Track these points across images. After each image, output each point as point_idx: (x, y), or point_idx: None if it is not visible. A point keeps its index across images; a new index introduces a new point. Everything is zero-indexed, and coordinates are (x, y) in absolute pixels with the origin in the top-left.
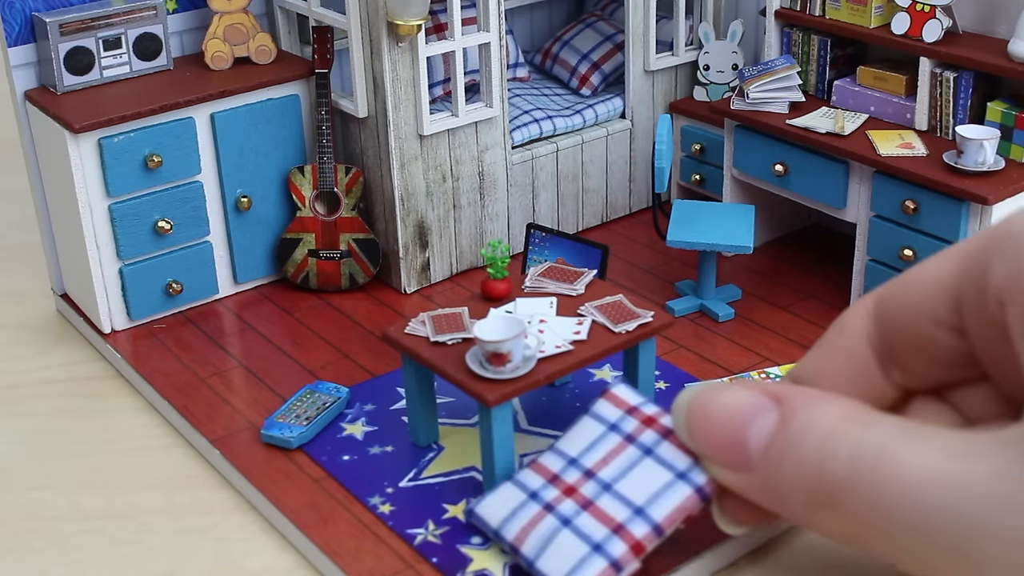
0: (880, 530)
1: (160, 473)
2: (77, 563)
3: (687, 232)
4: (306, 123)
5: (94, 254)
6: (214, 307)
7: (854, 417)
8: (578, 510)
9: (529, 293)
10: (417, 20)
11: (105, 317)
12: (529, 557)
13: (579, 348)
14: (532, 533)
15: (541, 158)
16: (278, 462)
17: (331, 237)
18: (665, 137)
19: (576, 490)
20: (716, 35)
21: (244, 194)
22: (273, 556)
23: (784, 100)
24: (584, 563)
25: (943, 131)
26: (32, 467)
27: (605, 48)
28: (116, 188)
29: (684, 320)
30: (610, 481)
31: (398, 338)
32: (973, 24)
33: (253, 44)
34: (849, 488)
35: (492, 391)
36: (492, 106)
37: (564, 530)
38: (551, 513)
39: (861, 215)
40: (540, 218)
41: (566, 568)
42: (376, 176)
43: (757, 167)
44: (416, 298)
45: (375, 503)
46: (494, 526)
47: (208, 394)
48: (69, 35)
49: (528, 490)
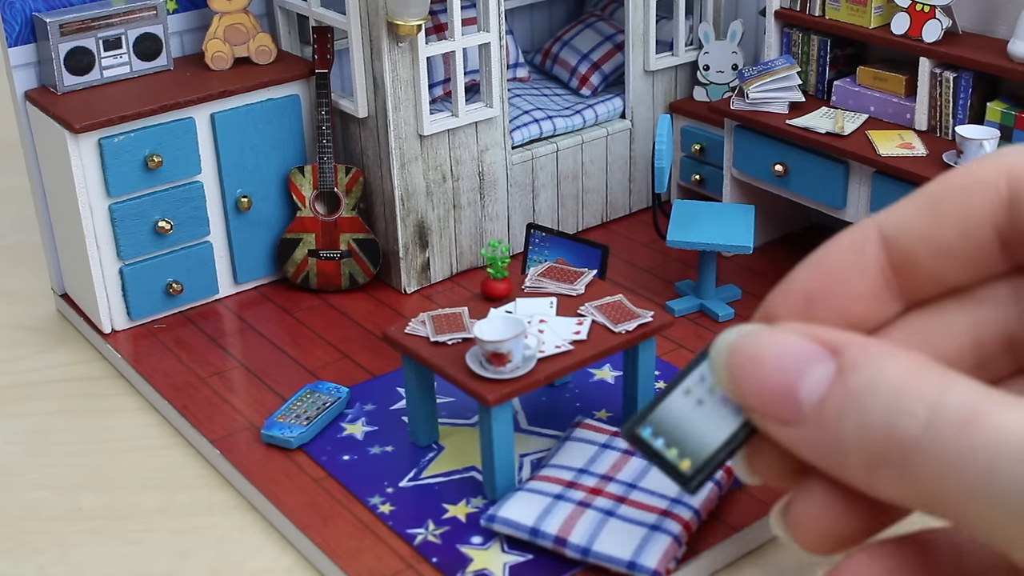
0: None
1: (160, 473)
2: (77, 563)
3: (687, 232)
4: (306, 123)
5: (94, 254)
6: (214, 307)
7: (928, 373)
8: (616, 504)
9: (529, 293)
10: (417, 20)
11: (105, 317)
12: (582, 544)
13: (579, 348)
14: (577, 525)
15: (541, 158)
16: (278, 462)
17: (331, 237)
18: (665, 137)
19: (602, 490)
20: (716, 35)
21: (244, 194)
22: (273, 556)
23: (784, 100)
24: (649, 541)
25: (943, 131)
26: (32, 467)
27: (605, 48)
28: (116, 188)
29: (684, 320)
30: (632, 481)
31: (398, 338)
32: (973, 24)
33: (253, 44)
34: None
35: (492, 391)
36: (492, 106)
37: (611, 519)
38: (589, 508)
39: (861, 215)
40: (540, 218)
41: (632, 547)
42: (376, 176)
43: (757, 167)
44: (416, 298)
45: (375, 503)
46: (529, 524)
47: (208, 394)
48: (69, 35)
49: (550, 493)
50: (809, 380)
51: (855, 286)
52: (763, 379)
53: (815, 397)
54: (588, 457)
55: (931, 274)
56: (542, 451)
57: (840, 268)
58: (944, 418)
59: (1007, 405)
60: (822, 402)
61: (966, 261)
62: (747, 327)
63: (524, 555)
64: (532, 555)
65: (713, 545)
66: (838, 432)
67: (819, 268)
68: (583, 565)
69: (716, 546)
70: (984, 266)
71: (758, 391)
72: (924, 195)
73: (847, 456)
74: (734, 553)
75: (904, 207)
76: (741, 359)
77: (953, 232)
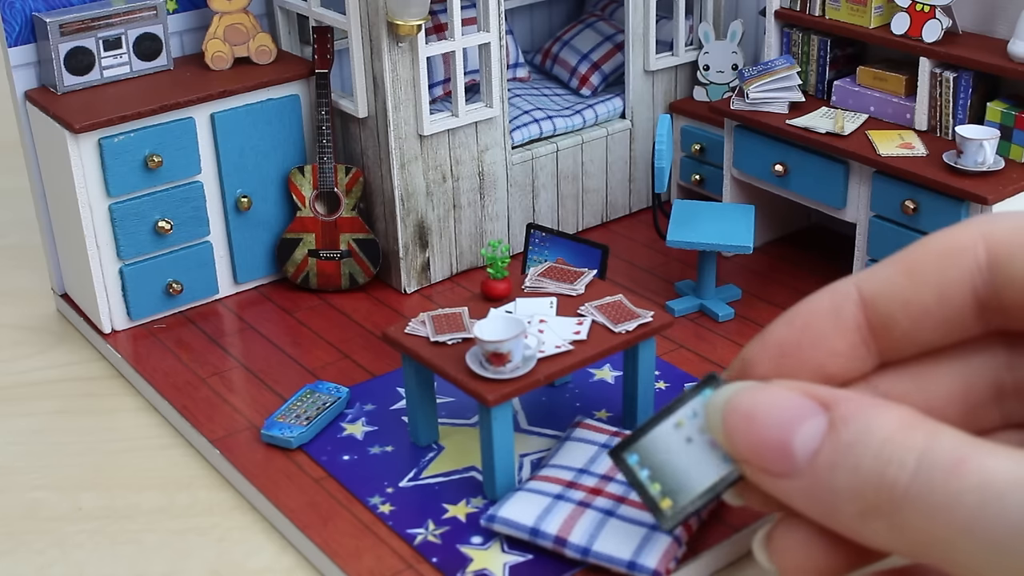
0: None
1: (160, 473)
2: (77, 563)
3: (687, 232)
4: (306, 123)
5: (94, 254)
6: (214, 307)
7: (915, 424)
8: (616, 504)
9: (529, 293)
10: (417, 20)
11: (105, 317)
12: (581, 544)
13: (579, 348)
14: (577, 525)
15: (541, 158)
16: (278, 462)
17: (331, 237)
18: (665, 137)
19: (602, 491)
20: (716, 35)
21: (244, 194)
22: (273, 556)
23: (784, 100)
24: (649, 541)
25: (943, 131)
26: (32, 467)
27: (605, 48)
28: (116, 188)
29: (684, 320)
30: None
31: (398, 338)
32: (973, 24)
33: (253, 44)
34: (918, 496)
35: (492, 391)
36: (492, 106)
37: (611, 519)
38: (589, 508)
39: (861, 215)
40: (540, 218)
41: (632, 547)
42: (376, 176)
43: (757, 167)
44: (416, 298)
45: (375, 503)
46: (529, 524)
47: (208, 394)
48: (69, 35)
49: (550, 494)
50: (802, 434)
51: (832, 343)
52: (758, 434)
53: (808, 451)
54: (588, 457)
55: (908, 335)
56: (542, 451)
57: (817, 325)
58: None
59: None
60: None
61: (943, 324)
62: (742, 384)
63: (524, 555)
64: (532, 555)
65: (713, 545)
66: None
67: (795, 324)
68: (583, 565)
69: (716, 546)
70: (959, 329)
71: (753, 445)
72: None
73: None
74: (734, 553)
75: (883, 270)
76: (737, 416)
77: (931, 296)
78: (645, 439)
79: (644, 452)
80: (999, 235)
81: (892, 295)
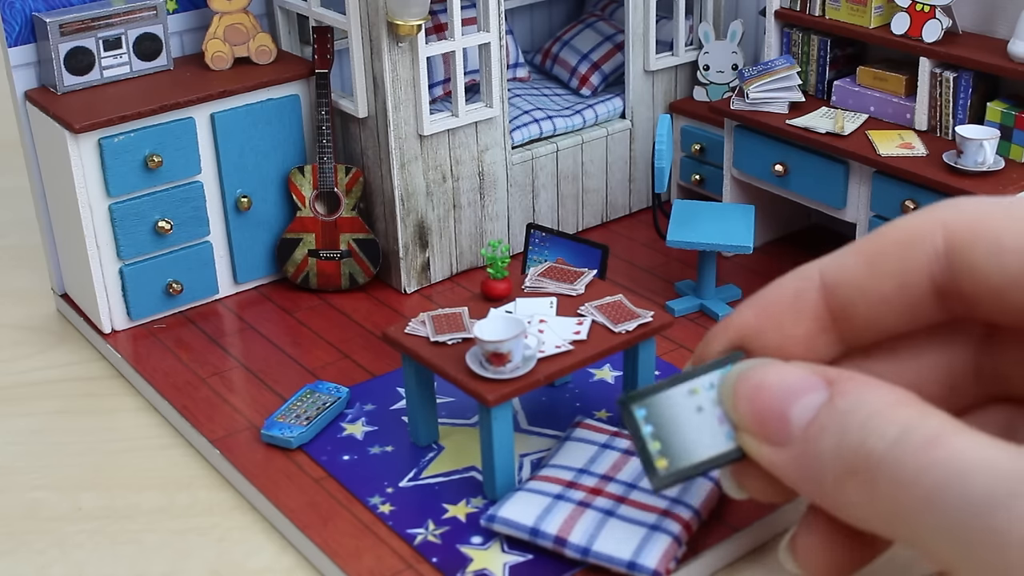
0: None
1: (160, 473)
2: (77, 563)
3: (687, 232)
4: (306, 123)
5: (94, 254)
6: (214, 307)
7: (907, 403)
8: (615, 504)
9: (529, 293)
10: (417, 20)
11: (105, 317)
12: (581, 544)
13: (579, 348)
14: (577, 525)
15: (541, 158)
16: (278, 462)
17: (331, 237)
18: (665, 137)
19: (602, 491)
20: (716, 35)
21: (244, 194)
22: (273, 556)
23: (784, 100)
24: (648, 540)
25: (943, 131)
26: (32, 467)
27: (605, 48)
28: (116, 188)
29: (684, 320)
30: (632, 481)
31: (398, 338)
32: (973, 24)
33: (253, 44)
34: (891, 465)
35: (492, 391)
36: (492, 106)
37: (611, 519)
38: (589, 508)
39: (861, 215)
40: (540, 218)
41: (631, 547)
42: (376, 176)
43: (757, 167)
44: (416, 298)
45: (375, 503)
46: (529, 524)
47: (208, 394)
48: (69, 35)
49: (550, 493)
50: (801, 405)
51: (790, 328)
52: (762, 401)
53: (804, 420)
54: (588, 457)
55: (868, 322)
56: (542, 451)
57: (776, 311)
58: (909, 439)
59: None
60: (809, 423)
61: (903, 311)
62: (760, 359)
63: (524, 555)
64: (532, 555)
65: (713, 545)
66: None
67: (756, 308)
68: (583, 565)
69: (716, 546)
70: (919, 316)
71: (756, 411)
72: (864, 247)
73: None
74: (734, 553)
75: (844, 258)
76: (747, 384)
77: (891, 284)
78: (657, 397)
79: (653, 408)
80: (958, 223)
81: (851, 283)
